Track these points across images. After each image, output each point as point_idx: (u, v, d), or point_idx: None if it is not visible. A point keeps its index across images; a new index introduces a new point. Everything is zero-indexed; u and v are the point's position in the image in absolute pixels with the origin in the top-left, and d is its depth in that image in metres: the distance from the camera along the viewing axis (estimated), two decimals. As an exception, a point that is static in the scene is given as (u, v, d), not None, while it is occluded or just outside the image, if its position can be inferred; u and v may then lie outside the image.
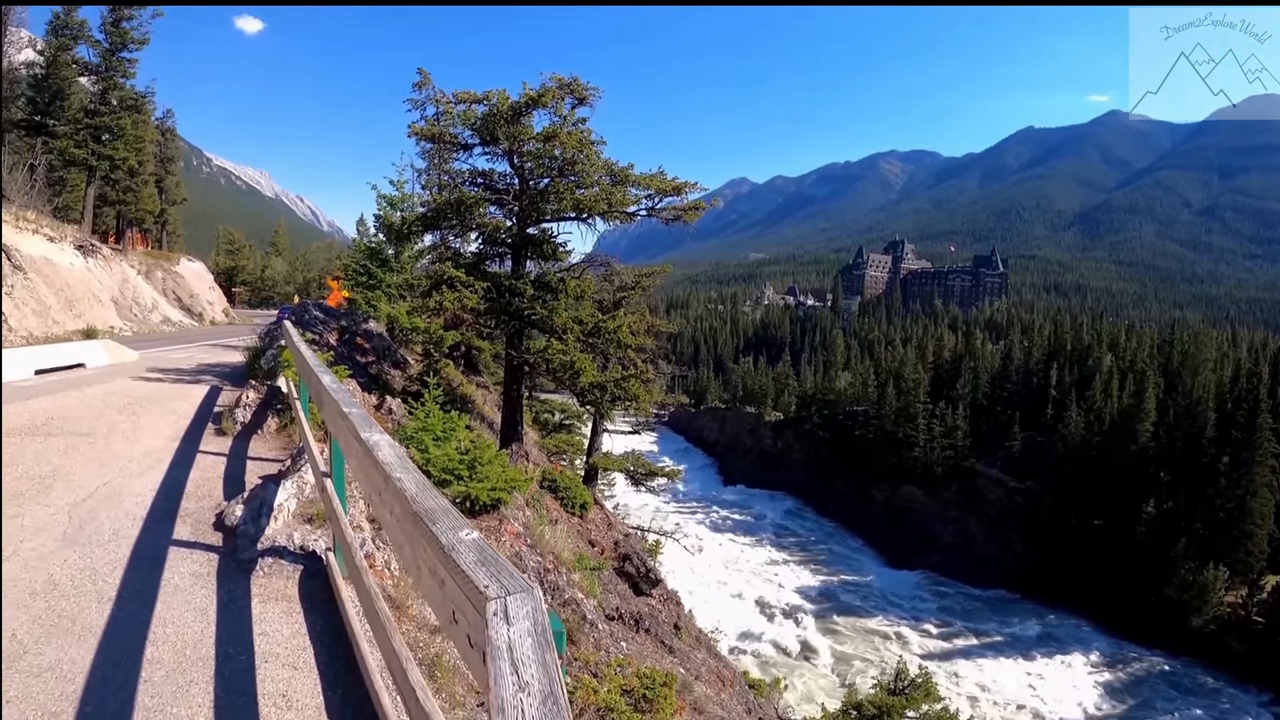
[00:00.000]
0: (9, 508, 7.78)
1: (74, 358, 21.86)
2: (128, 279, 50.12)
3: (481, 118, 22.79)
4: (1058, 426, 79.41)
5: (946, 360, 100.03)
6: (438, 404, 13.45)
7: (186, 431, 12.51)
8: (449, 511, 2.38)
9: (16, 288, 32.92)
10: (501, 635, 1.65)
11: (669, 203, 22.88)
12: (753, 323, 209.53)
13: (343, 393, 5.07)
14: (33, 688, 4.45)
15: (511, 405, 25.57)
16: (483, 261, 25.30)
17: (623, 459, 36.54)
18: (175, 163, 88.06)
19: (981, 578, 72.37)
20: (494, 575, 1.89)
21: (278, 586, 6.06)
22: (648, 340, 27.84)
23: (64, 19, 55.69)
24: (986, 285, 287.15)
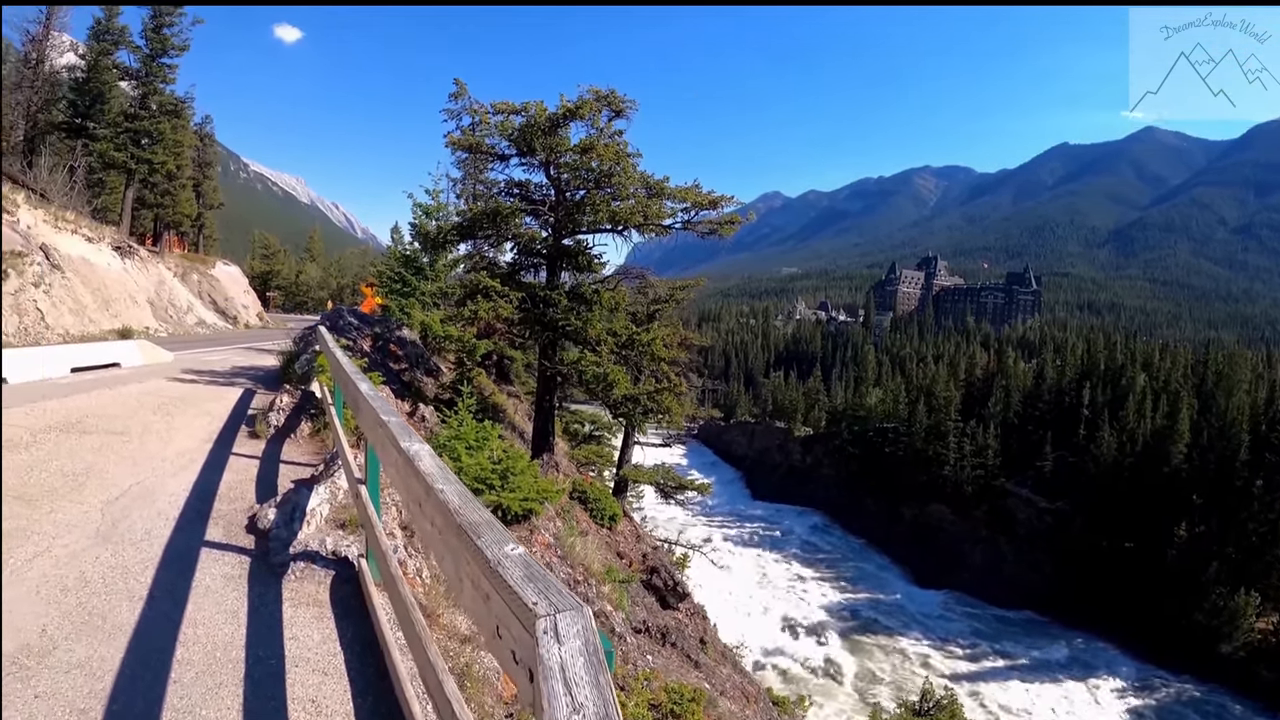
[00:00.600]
0: (43, 504, 7.85)
1: (110, 357, 22.05)
2: (164, 281, 50.55)
3: (519, 129, 22.83)
4: (1090, 447, 78.55)
5: (978, 378, 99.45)
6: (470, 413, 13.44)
7: (220, 433, 12.56)
8: (493, 525, 2.35)
9: (54, 286, 33.21)
10: (553, 654, 1.62)
11: (705, 216, 22.82)
12: (784, 337, 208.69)
13: (380, 400, 5.05)
14: (62, 684, 4.45)
15: (544, 416, 25.56)
16: (517, 272, 25.34)
17: (653, 471, 36.45)
18: (213, 167, 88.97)
19: (1009, 599, 71.46)
20: (542, 592, 1.86)
21: (309, 591, 6.05)
22: (681, 354, 27.79)
23: (105, 24, 56.40)
24: (1019, 303, 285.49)
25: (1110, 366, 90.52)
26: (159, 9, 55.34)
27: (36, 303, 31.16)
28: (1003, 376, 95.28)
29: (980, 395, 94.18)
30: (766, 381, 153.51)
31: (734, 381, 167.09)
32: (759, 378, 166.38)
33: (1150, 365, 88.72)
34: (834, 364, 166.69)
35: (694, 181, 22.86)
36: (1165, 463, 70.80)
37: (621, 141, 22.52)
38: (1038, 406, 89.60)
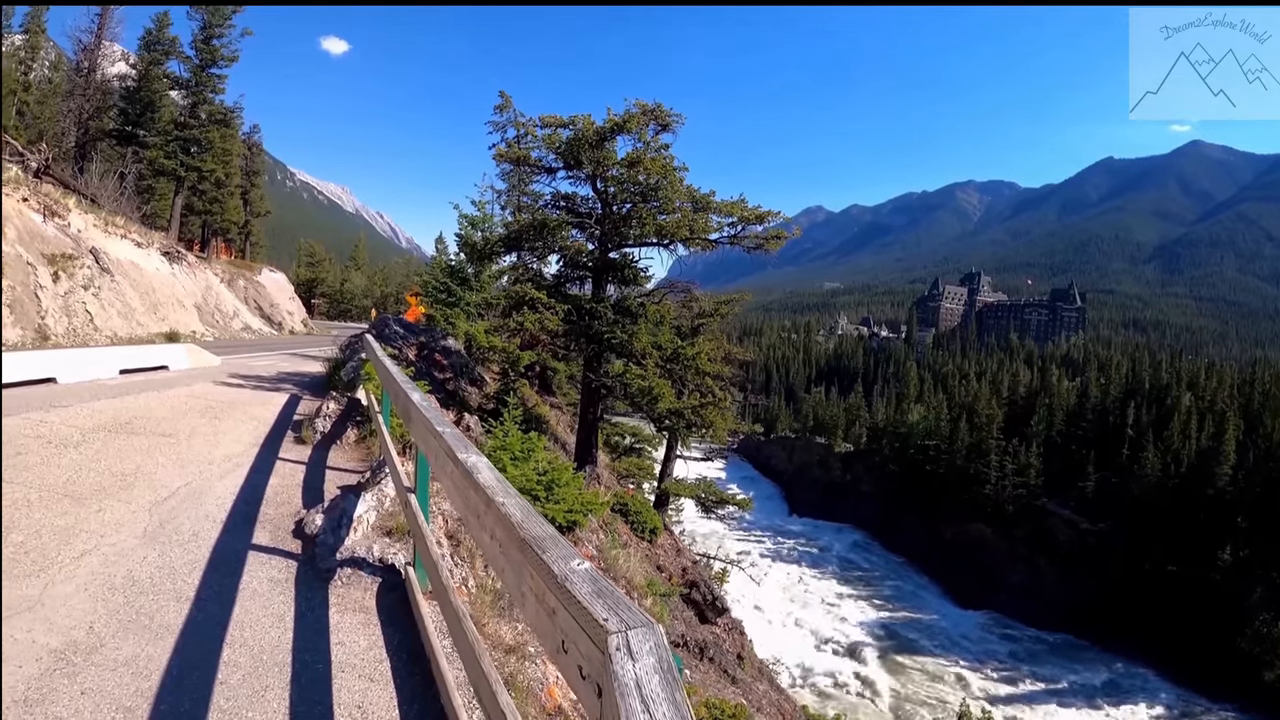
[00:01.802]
0: (92, 502, 7.94)
1: (158, 360, 22.22)
2: (211, 286, 51.07)
3: (566, 142, 22.88)
4: (1133, 467, 77.52)
5: (1021, 396, 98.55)
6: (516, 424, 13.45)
7: (266, 438, 12.64)
8: (557, 540, 2.34)
9: (104, 289, 33.59)
10: (628, 671, 1.60)
11: (751, 231, 22.75)
12: (826, 352, 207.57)
13: (434, 411, 5.06)
14: (108, 681, 4.47)
15: (587, 428, 25.54)
16: (563, 284, 25.38)
17: (694, 486, 36.41)
18: (260, 176, 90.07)
19: (1049, 621, 70.51)
20: (612, 608, 1.84)
21: (356, 597, 6.05)
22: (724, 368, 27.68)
23: (156, 34, 57.36)
24: (1063, 320, 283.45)
25: (1155, 385, 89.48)
26: (209, 21, 56.05)
27: (86, 305, 31.52)
28: (1046, 395, 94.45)
29: (1023, 413, 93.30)
30: (807, 397, 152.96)
31: (775, 396, 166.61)
32: (800, 393, 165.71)
33: (1196, 384, 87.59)
34: (876, 380, 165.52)
35: (740, 196, 22.82)
36: (1210, 484, 69.84)
37: (668, 155, 22.53)
38: (1081, 425, 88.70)
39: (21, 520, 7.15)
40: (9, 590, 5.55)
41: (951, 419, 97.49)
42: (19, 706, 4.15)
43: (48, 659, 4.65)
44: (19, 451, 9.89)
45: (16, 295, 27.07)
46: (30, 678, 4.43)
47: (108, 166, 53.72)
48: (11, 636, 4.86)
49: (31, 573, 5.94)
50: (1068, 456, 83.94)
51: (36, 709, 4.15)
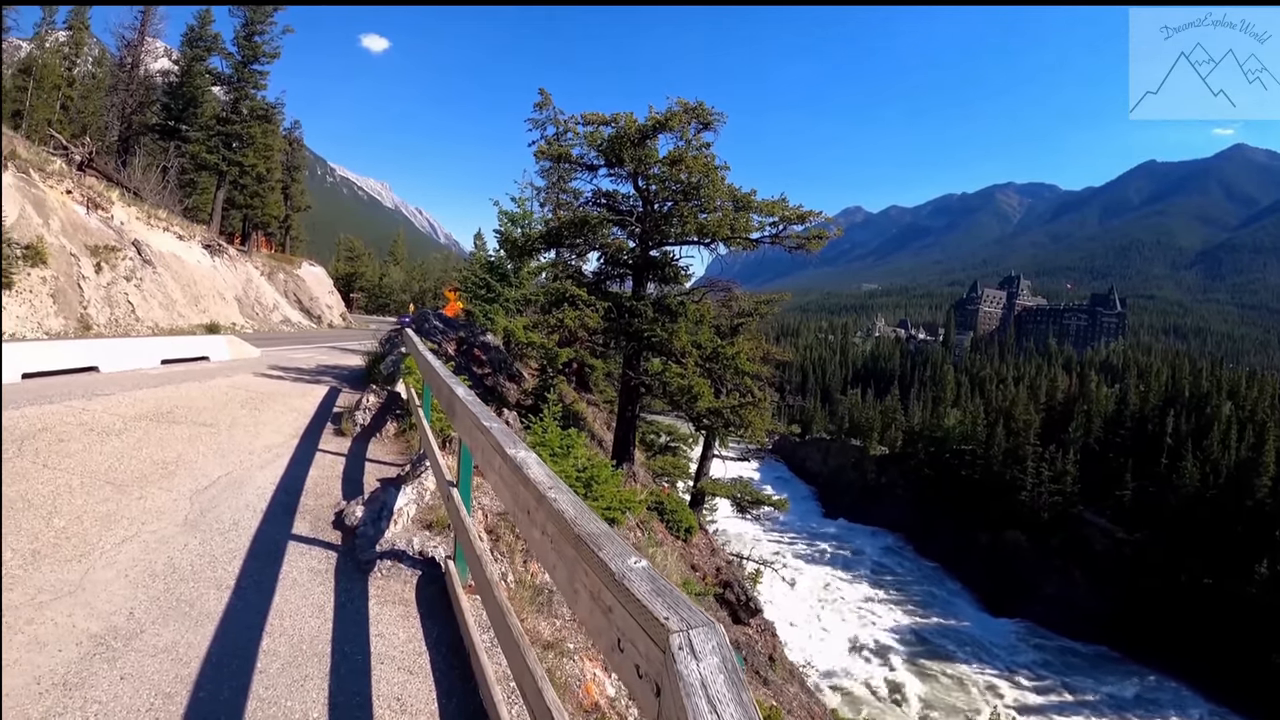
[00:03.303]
0: (134, 489, 8.00)
1: (199, 350, 22.43)
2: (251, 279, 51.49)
3: (608, 139, 22.86)
4: (1171, 477, 76.54)
5: (1059, 402, 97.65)
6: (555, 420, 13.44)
7: (306, 429, 12.74)
8: (612, 537, 2.30)
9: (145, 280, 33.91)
10: (692, 671, 1.56)
11: (792, 230, 22.65)
12: (862, 354, 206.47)
13: (479, 405, 5.03)
14: (148, 667, 4.48)
15: (625, 425, 25.54)
16: (603, 281, 25.39)
17: (731, 485, 36.35)
18: (301, 171, 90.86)
19: (1082, 631, 69.43)
20: (672, 607, 1.80)
21: (395, 590, 6.04)
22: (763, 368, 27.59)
23: (198, 31, 58.03)
24: (1103, 325, 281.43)
25: (1195, 394, 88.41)
26: (251, 18, 56.70)
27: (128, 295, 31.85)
28: (1084, 401, 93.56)
29: (1060, 419, 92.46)
30: (843, 398, 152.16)
31: (810, 397, 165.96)
32: (836, 394, 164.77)
33: (1236, 393, 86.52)
34: (912, 383, 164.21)
35: (781, 195, 22.73)
36: (1249, 495, 68.93)
37: (709, 154, 22.52)
38: (1119, 433, 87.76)
39: (64, 505, 7.21)
40: (51, 573, 5.61)
41: (988, 424, 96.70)
42: (58, 690, 4.17)
43: (88, 643, 4.67)
44: (61, 438, 10.01)
45: (60, 285, 27.37)
46: (70, 661, 4.44)
47: (150, 160, 54.35)
48: (52, 620, 4.88)
49: (73, 557, 5.98)
50: (1105, 464, 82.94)
51: (76, 693, 4.16)
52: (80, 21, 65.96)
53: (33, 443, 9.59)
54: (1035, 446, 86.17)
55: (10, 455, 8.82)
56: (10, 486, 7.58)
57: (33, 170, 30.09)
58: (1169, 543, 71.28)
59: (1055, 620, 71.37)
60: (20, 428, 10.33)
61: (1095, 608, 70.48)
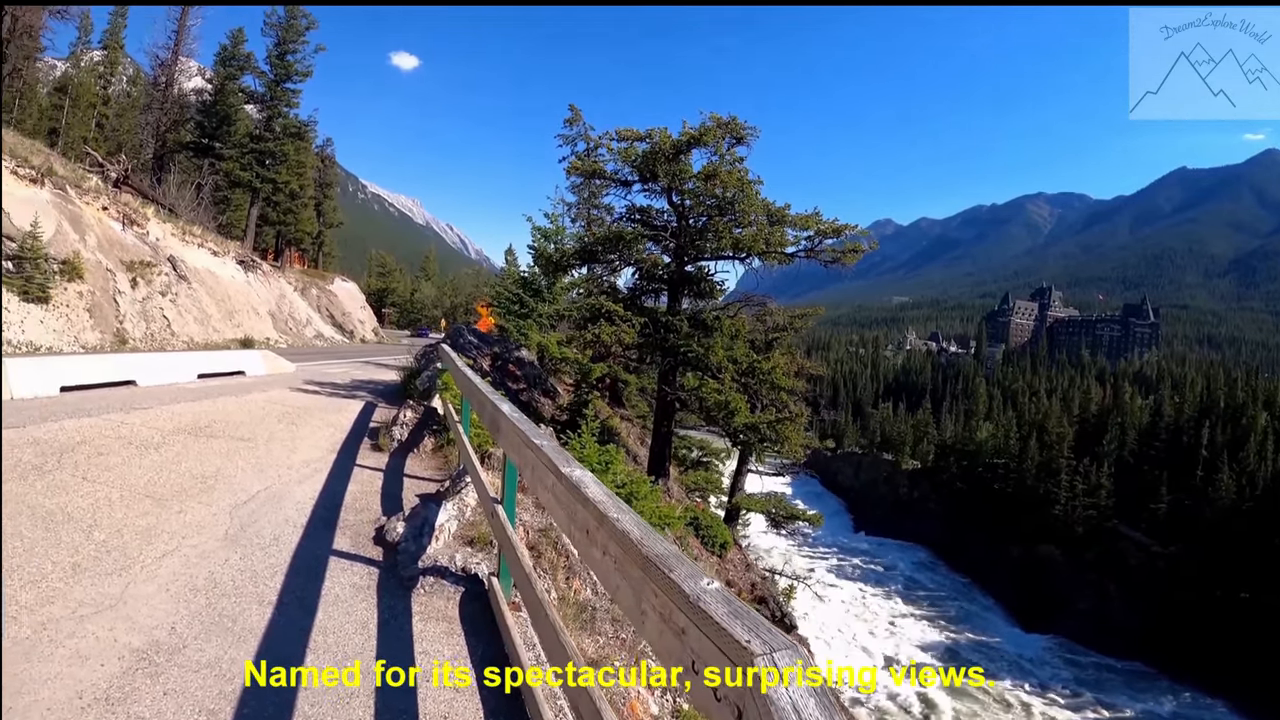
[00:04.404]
0: (173, 503, 8.03)
1: (235, 365, 22.57)
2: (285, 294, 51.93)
3: (642, 155, 22.86)
4: (1207, 489, 75.55)
5: (1092, 414, 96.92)
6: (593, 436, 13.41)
7: (343, 444, 12.77)
8: (681, 558, 2.25)
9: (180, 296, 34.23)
10: (783, 695, 1.50)
11: (828, 244, 22.56)
12: (894, 367, 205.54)
13: (526, 422, 4.99)
14: (191, 683, 4.45)
15: (660, 441, 25.50)
16: (638, 296, 25.36)
17: (765, 500, 36.23)
18: (333, 188, 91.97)
19: (1117, 647, 68.47)
20: (752, 629, 1.74)
21: (438, 606, 6.00)
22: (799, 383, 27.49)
23: (231, 50, 58.89)
24: (1136, 336, 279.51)
25: (1230, 404, 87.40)
26: (284, 38, 57.51)
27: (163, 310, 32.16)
28: (1118, 413, 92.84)
29: (1094, 432, 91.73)
30: (875, 412, 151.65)
31: (842, 411, 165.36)
32: (867, 408, 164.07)
33: (1273, 404, 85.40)
34: (944, 396, 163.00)
35: (814, 209, 22.67)
36: (1288, 508, 68.10)
37: (743, 168, 22.45)
38: (1154, 445, 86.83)
39: (104, 519, 7.24)
40: (92, 587, 5.61)
41: (1021, 437, 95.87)
42: (100, 705, 4.15)
43: (129, 658, 4.65)
44: (100, 451, 10.09)
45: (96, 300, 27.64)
46: (112, 676, 4.43)
47: (185, 177, 55.05)
48: (93, 634, 4.88)
49: (113, 571, 5.98)
50: (1140, 477, 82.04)
51: (119, 708, 4.14)
52: (115, 41, 67.03)
53: (72, 456, 9.67)
54: (1069, 459, 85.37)
55: (50, 468, 8.90)
56: (50, 499, 7.64)
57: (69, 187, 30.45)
58: (1205, 556, 70.35)
59: (1089, 635, 70.52)
60: (59, 440, 10.43)
61: (1130, 623, 69.61)
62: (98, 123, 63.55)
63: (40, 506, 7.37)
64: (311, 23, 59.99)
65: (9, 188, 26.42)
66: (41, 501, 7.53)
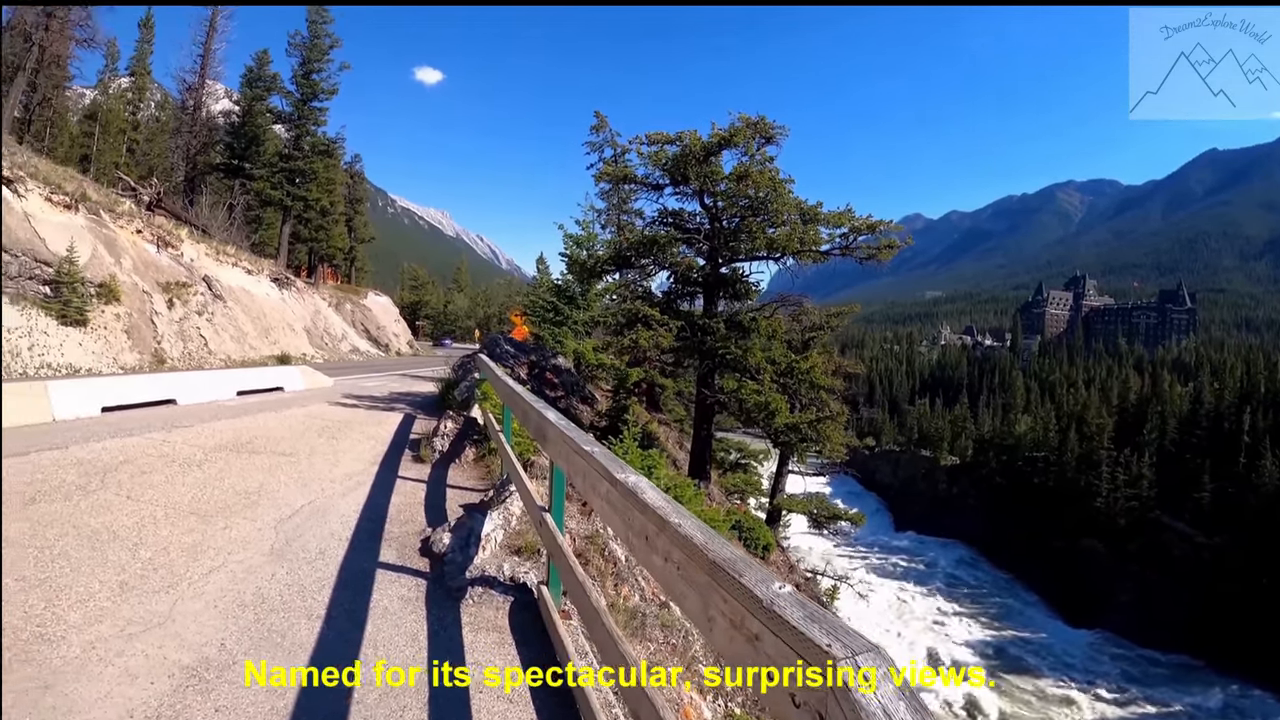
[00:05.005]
0: (218, 519, 8.06)
1: (273, 381, 22.73)
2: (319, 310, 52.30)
3: (672, 158, 22.82)
4: (1250, 476, 74.68)
5: (1131, 404, 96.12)
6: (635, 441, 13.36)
7: (385, 457, 12.78)
8: (750, 563, 2.19)
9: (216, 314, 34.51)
10: (871, 700, 1.46)
11: (862, 241, 22.40)
12: (929, 363, 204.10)
13: (574, 429, 4.94)
14: (243, 699, 4.42)
15: (700, 444, 25.42)
16: (674, 300, 25.30)
17: (806, 501, 36.09)
18: (363, 203, 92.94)
19: (1162, 640, 67.80)
20: (831, 633, 1.69)
21: (488, 616, 5.96)
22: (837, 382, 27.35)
23: (257, 71, 59.67)
24: (1173, 322, 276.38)
25: (1271, 389, 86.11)
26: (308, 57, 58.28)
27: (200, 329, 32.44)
28: (1157, 402, 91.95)
29: (1134, 422, 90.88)
30: (911, 409, 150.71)
31: (878, 409, 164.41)
32: (904, 405, 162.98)
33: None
34: (981, 390, 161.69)
35: (847, 206, 22.54)
36: (1334, 494, 67.14)
37: (773, 168, 22.35)
38: (1195, 433, 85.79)
39: (149, 537, 7.26)
40: (139, 605, 5.61)
41: (1060, 429, 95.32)
42: (152, 724, 4.13)
43: (180, 675, 4.63)
44: (144, 470, 10.15)
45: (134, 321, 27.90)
46: (162, 694, 4.39)
47: (217, 198, 55.70)
48: (143, 652, 4.86)
49: (160, 589, 5.98)
50: (1182, 466, 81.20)
51: (170, 726, 4.13)
52: (141, 67, 68.00)
53: (115, 475, 9.74)
54: (1109, 451, 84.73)
55: (94, 488, 8.98)
56: (95, 518, 7.69)
57: (103, 211, 30.76)
58: (1250, 545, 69.53)
59: (1134, 629, 70.05)
60: (103, 460, 10.53)
61: (1175, 615, 68.90)
62: (128, 148, 64.42)
63: (86, 526, 7.40)
64: (335, 41, 60.80)
65: (44, 214, 26.74)
66: (87, 521, 7.57)
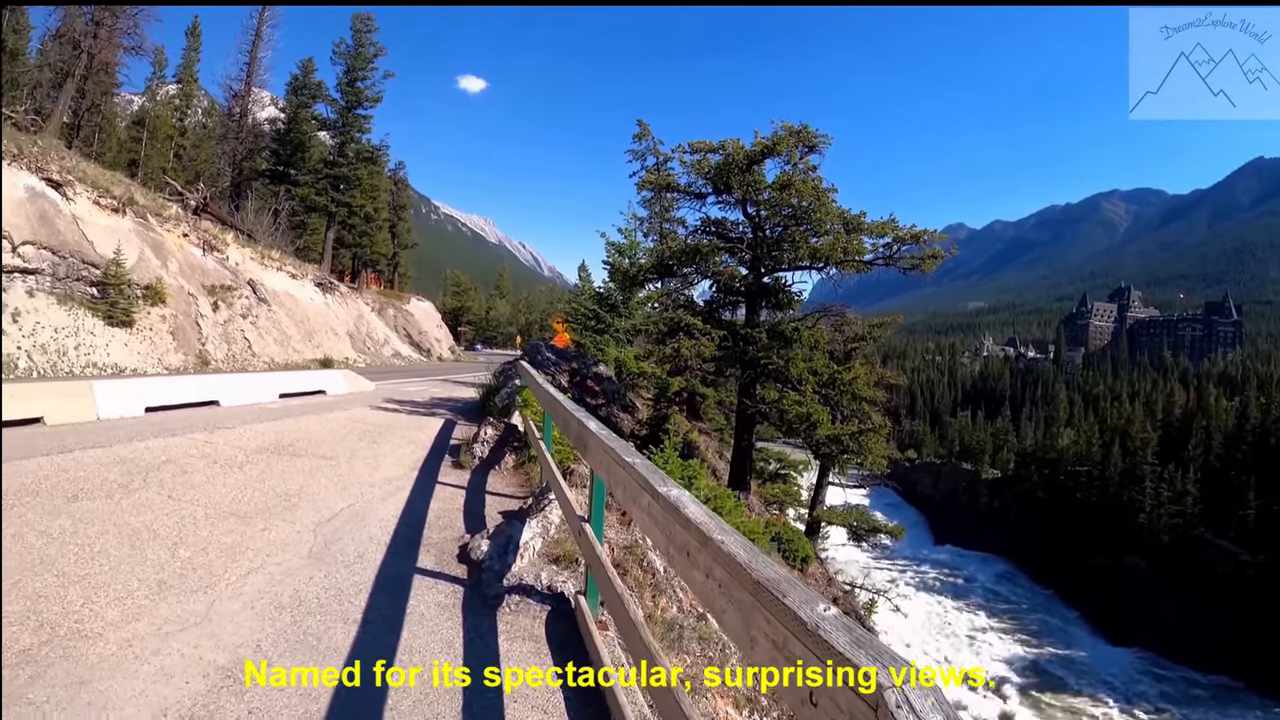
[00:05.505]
0: (257, 521, 8.12)
1: (316, 385, 22.89)
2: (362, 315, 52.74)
3: (715, 167, 22.78)
4: (1298, 494, 73.43)
5: (1176, 418, 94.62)
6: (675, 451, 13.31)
7: (425, 462, 12.83)
8: (794, 583, 2.13)
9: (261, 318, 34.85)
10: None
11: (906, 251, 22.24)
12: (971, 375, 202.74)
13: (616, 439, 4.89)
14: (276, 702, 4.41)
15: (741, 455, 25.32)
16: (716, 309, 25.22)
17: (846, 513, 35.84)
18: (406, 210, 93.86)
19: (1204, 661, 66.40)
20: (875, 659, 1.63)
21: (524, 625, 5.94)
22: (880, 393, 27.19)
23: (303, 80, 60.46)
24: (1219, 335, 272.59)
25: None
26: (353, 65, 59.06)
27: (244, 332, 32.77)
28: (1203, 416, 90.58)
29: (1179, 436, 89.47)
30: (953, 421, 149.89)
31: (919, 420, 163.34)
32: (945, 417, 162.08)
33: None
34: (1023, 403, 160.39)
35: (890, 215, 22.37)
36: (1383, 512, 65.96)
37: (817, 176, 22.24)
38: (1240, 449, 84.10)
39: (189, 536, 7.32)
40: (177, 604, 5.64)
41: (1103, 443, 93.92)
42: (185, 723, 4.15)
43: (214, 675, 4.63)
44: (185, 470, 10.27)
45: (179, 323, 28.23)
46: (196, 694, 4.40)
47: (262, 204, 56.46)
48: (178, 651, 4.88)
49: (199, 588, 6.01)
50: (1227, 483, 79.74)
51: (203, 726, 4.14)
52: (189, 75, 69.55)
53: (157, 474, 9.85)
54: (1153, 466, 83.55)
55: (136, 486, 9.09)
56: (136, 517, 7.77)
57: (150, 215, 31.14)
58: (1296, 566, 68.28)
59: (1176, 649, 68.65)
60: (145, 460, 10.66)
61: (1218, 635, 67.41)
62: (175, 153, 65.64)
63: (126, 524, 7.47)
64: (379, 50, 61.49)
65: (92, 217, 27.09)
66: (128, 520, 7.64)
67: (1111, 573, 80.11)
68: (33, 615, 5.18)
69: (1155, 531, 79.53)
